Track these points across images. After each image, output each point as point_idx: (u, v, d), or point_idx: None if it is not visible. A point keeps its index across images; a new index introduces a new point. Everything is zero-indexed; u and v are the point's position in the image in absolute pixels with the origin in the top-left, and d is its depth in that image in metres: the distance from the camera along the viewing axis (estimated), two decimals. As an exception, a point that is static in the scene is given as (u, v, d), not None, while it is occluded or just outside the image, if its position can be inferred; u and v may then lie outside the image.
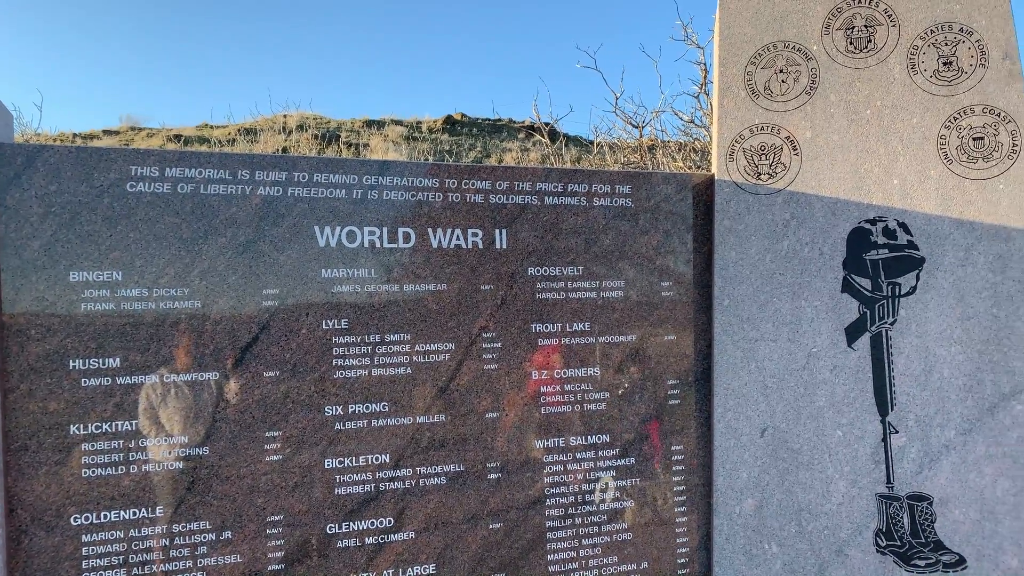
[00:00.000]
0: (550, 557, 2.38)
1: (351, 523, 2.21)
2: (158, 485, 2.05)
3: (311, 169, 2.23)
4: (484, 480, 2.34)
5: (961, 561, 2.34)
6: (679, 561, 2.51)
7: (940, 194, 2.44)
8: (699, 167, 6.34)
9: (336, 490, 2.20)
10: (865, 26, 2.55)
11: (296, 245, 2.20)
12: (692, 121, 6.65)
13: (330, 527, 2.19)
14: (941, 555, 2.36)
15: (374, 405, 2.25)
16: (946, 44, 2.48)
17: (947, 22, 2.49)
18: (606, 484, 2.46)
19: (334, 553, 2.19)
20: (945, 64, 2.48)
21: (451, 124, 15.79)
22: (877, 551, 2.40)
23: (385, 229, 2.30)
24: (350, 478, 2.22)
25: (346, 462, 2.21)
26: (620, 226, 2.54)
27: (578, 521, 2.42)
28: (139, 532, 2.03)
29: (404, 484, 2.27)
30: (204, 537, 2.07)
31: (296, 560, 2.14)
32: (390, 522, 2.24)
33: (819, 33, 2.57)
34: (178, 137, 13.08)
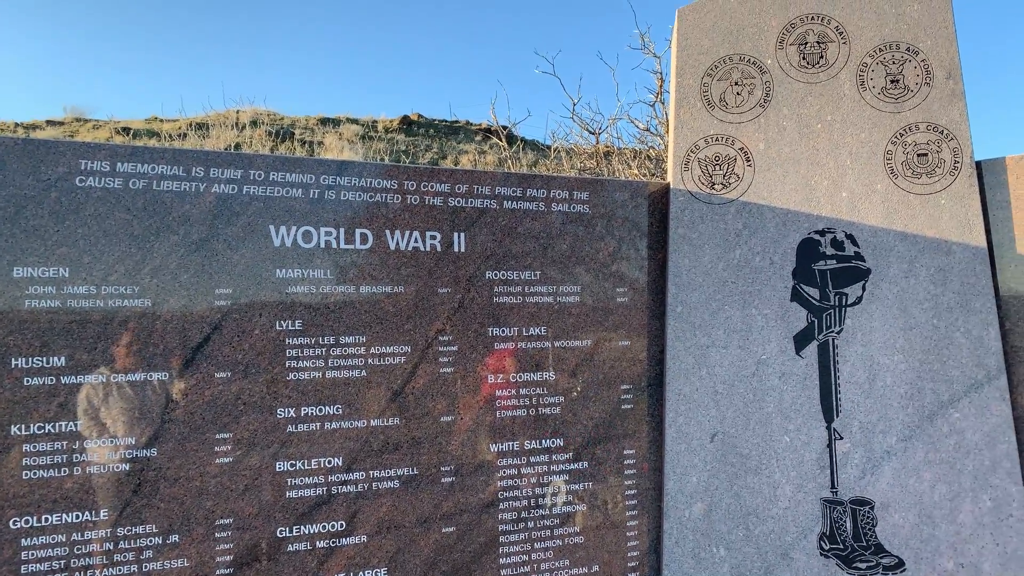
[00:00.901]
0: (502, 561, 2.39)
1: (302, 526, 2.19)
2: (102, 487, 2.00)
3: (267, 167, 2.21)
4: (437, 484, 2.34)
5: (900, 564, 2.42)
6: (629, 564, 2.54)
7: (886, 207, 2.52)
8: (654, 175, 6.43)
9: (287, 493, 2.18)
10: (817, 42, 2.62)
11: (250, 244, 2.17)
12: (648, 129, 6.75)
13: (281, 531, 2.16)
14: (881, 558, 2.42)
15: (327, 407, 2.23)
16: (894, 62, 2.56)
17: (895, 41, 2.57)
18: (559, 488, 2.48)
19: (284, 557, 2.16)
20: (892, 82, 2.56)
21: (408, 124, 15.72)
22: (821, 554, 2.46)
23: (342, 230, 2.28)
24: (302, 481, 2.19)
25: (298, 465, 2.19)
26: (577, 231, 2.57)
27: (531, 525, 2.43)
28: (82, 536, 1.97)
29: (357, 487, 2.25)
30: (150, 541, 2.03)
31: (245, 564, 2.11)
32: (342, 526, 2.23)
33: (774, 48, 2.64)
34: (126, 130, 12.78)
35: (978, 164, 2.55)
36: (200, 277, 2.11)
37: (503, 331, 2.45)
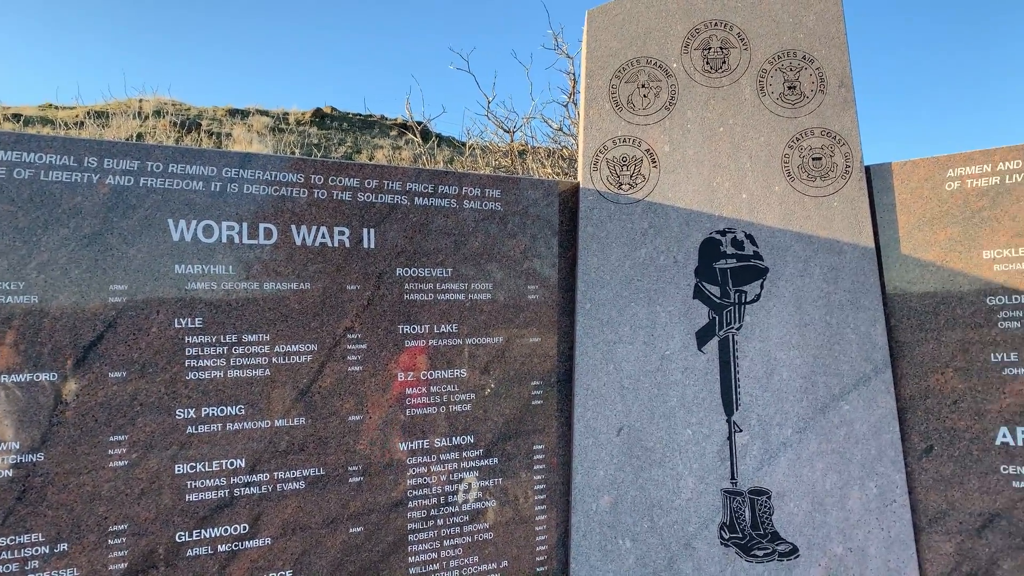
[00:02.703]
0: (411, 559, 2.38)
1: (203, 530, 2.13)
2: (-17, 494, 1.89)
3: (166, 159, 2.14)
4: (345, 484, 2.31)
5: (794, 550, 2.53)
6: (538, 559, 2.57)
7: (783, 209, 2.63)
8: (567, 174, 6.51)
9: (187, 496, 2.11)
10: (720, 48, 2.70)
11: (148, 238, 2.10)
12: (561, 129, 6.83)
13: (180, 535, 2.09)
14: (777, 545, 2.53)
15: (229, 408, 2.17)
16: (791, 70, 2.67)
17: (792, 49, 2.68)
18: (469, 485, 2.48)
19: (183, 562, 2.10)
20: (790, 88, 2.67)
21: (320, 117, 15.43)
22: (721, 544, 2.54)
23: (245, 224, 2.22)
24: (202, 483, 2.13)
25: (198, 467, 2.13)
26: (489, 229, 2.58)
27: (440, 522, 2.44)
28: (-41, 546, 1.87)
29: (261, 489, 2.20)
30: (36, 550, 1.93)
31: (141, 571, 2.04)
32: (245, 528, 2.18)
33: (679, 51, 2.71)
34: (17, 117, 12.08)
35: (867, 169, 2.68)
36: (93, 272, 2.02)
37: (414, 329, 2.44)
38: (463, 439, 2.49)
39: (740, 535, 2.54)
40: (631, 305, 2.62)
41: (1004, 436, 2.43)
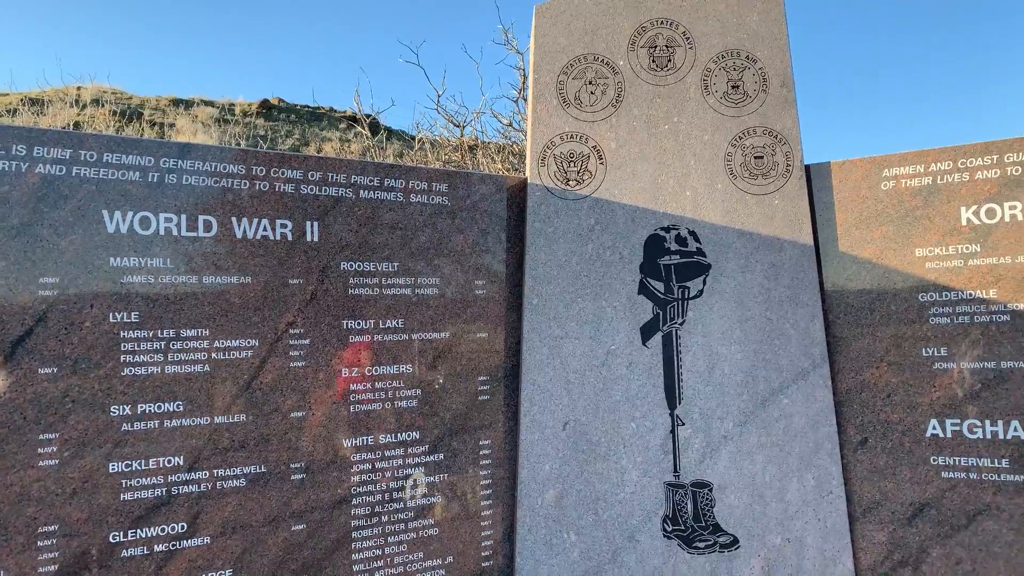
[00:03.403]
0: (355, 556, 2.36)
1: (138, 530, 2.07)
2: (-98, 496, 1.81)
3: (100, 148, 2.07)
4: (287, 481, 2.28)
5: (735, 541, 2.58)
6: (483, 554, 2.57)
7: (725, 207, 2.67)
8: (517, 170, 6.53)
9: (122, 496, 2.06)
10: (666, 46, 2.73)
11: (81, 230, 2.03)
12: (511, 125, 6.84)
13: (114, 536, 2.04)
14: (719, 537, 2.58)
15: (167, 404, 2.12)
16: (735, 69, 2.72)
17: (736, 49, 2.73)
18: (415, 481, 2.47)
19: (117, 563, 2.04)
20: (733, 87, 2.71)
21: (267, 109, 15.17)
22: (664, 536, 2.58)
23: (184, 216, 2.17)
24: (138, 482, 2.08)
25: (134, 465, 2.07)
26: (437, 224, 2.57)
27: (385, 519, 2.42)
28: None
29: (200, 487, 2.16)
30: (-40, 552, 1.86)
31: (72, 573, 1.98)
32: (183, 527, 2.13)
33: (626, 49, 2.73)
34: (-59, 102, 11.63)
35: (807, 168, 2.74)
36: (21, 265, 1.95)
37: (359, 324, 2.41)
38: (409, 435, 2.48)
39: (682, 527, 2.58)
40: (578, 300, 2.64)
41: (934, 428, 2.51)
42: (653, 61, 2.73)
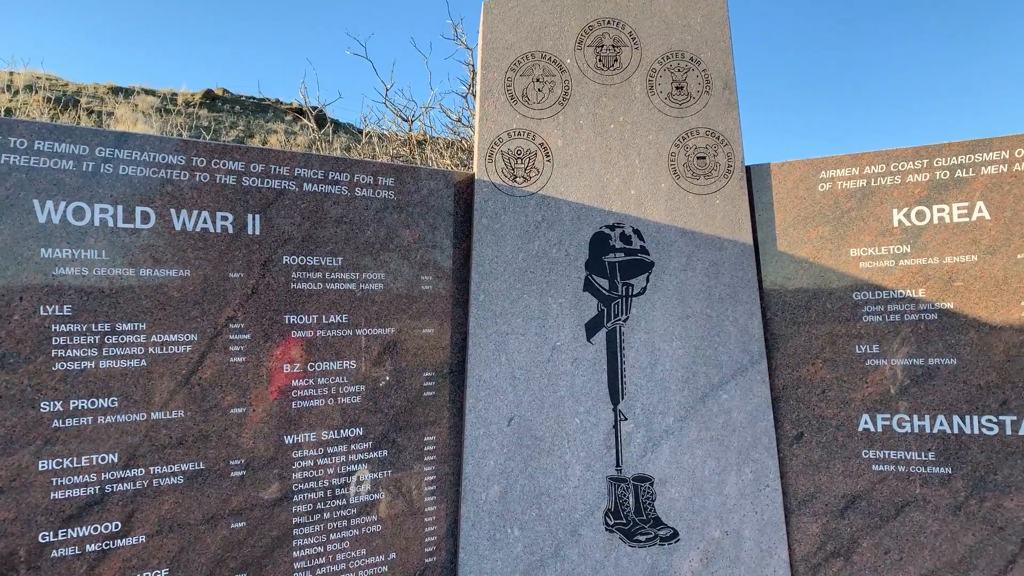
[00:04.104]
0: (296, 554, 2.34)
1: (69, 530, 2.02)
2: None
3: (32, 135, 2.00)
4: (227, 478, 2.24)
5: (675, 535, 2.63)
6: (427, 550, 2.57)
7: (669, 206, 2.71)
8: (466, 166, 6.52)
9: (52, 494, 2.00)
10: (613, 46, 2.76)
11: (9, 220, 1.96)
12: (460, 120, 6.82)
13: (43, 535, 1.98)
14: (659, 530, 2.62)
15: (101, 400, 2.06)
16: (679, 70, 2.76)
17: (680, 51, 2.77)
18: (358, 478, 2.46)
19: (47, 564, 1.98)
20: (678, 88, 2.76)
21: (211, 99, 14.85)
22: (606, 530, 2.62)
23: (120, 207, 2.12)
24: (70, 480, 2.02)
25: (65, 463, 2.01)
26: (383, 218, 2.55)
27: (327, 516, 2.40)
28: None
29: (135, 485, 2.11)
30: None
31: (-1, 574, 1.92)
32: (117, 526, 2.08)
33: (573, 47, 2.75)
34: None
35: (748, 169, 2.80)
36: (-55, 256, 1.88)
37: (301, 319, 2.39)
38: (352, 431, 2.46)
39: (624, 521, 2.62)
40: (524, 297, 2.65)
41: (866, 423, 2.60)
42: (600, 60, 2.76)
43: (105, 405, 2.07)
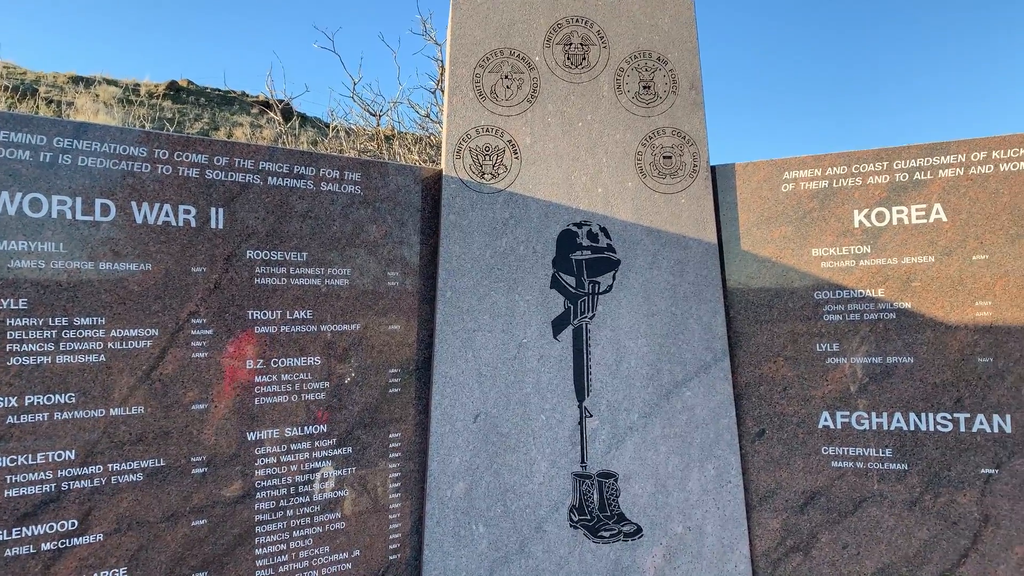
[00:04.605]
0: (258, 551, 2.31)
1: (24, 528, 1.97)
2: None
3: (-14, 126, 1.96)
4: (188, 476, 2.21)
5: (638, 530, 2.65)
6: (391, 547, 2.56)
7: (635, 204, 2.73)
8: (434, 161, 6.50)
9: (6, 492, 1.95)
10: (581, 44, 2.77)
11: (-37, 212, 1.91)
12: (428, 116, 6.79)
13: (-4, 534, 1.94)
14: (623, 526, 2.64)
15: (58, 396, 2.02)
16: (646, 70, 2.78)
17: (648, 50, 2.79)
18: (322, 475, 2.44)
19: (1, 563, 1.94)
20: (645, 88, 2.78)
21: (176, 91, 14.59)
22: (571, 526, 2.63)
23: (79, 199, 2.07)
24: (24, 478, 1.98)
25: (20, 460, 1.97)
26: (349, 214, 2.53)
27: (290, 513, 2.38)
28: None
29: (92, 482, 2.07)
30: None
31: (-51, 573, 1.87)
32: (74, 525, 2.04)
33: (542, 45, 2.76)
34: None
35: (713, 169, 2.84)
36: None
37: (265, 314, 2.36)
38: (316, 428, 2.44)
39: (588, 517, 2.63)
40: (491, 294, 2.65)
41: (826, 420, 2.65)
42: (568, 58, 2.76)
43: (62, 401, 2.03)
